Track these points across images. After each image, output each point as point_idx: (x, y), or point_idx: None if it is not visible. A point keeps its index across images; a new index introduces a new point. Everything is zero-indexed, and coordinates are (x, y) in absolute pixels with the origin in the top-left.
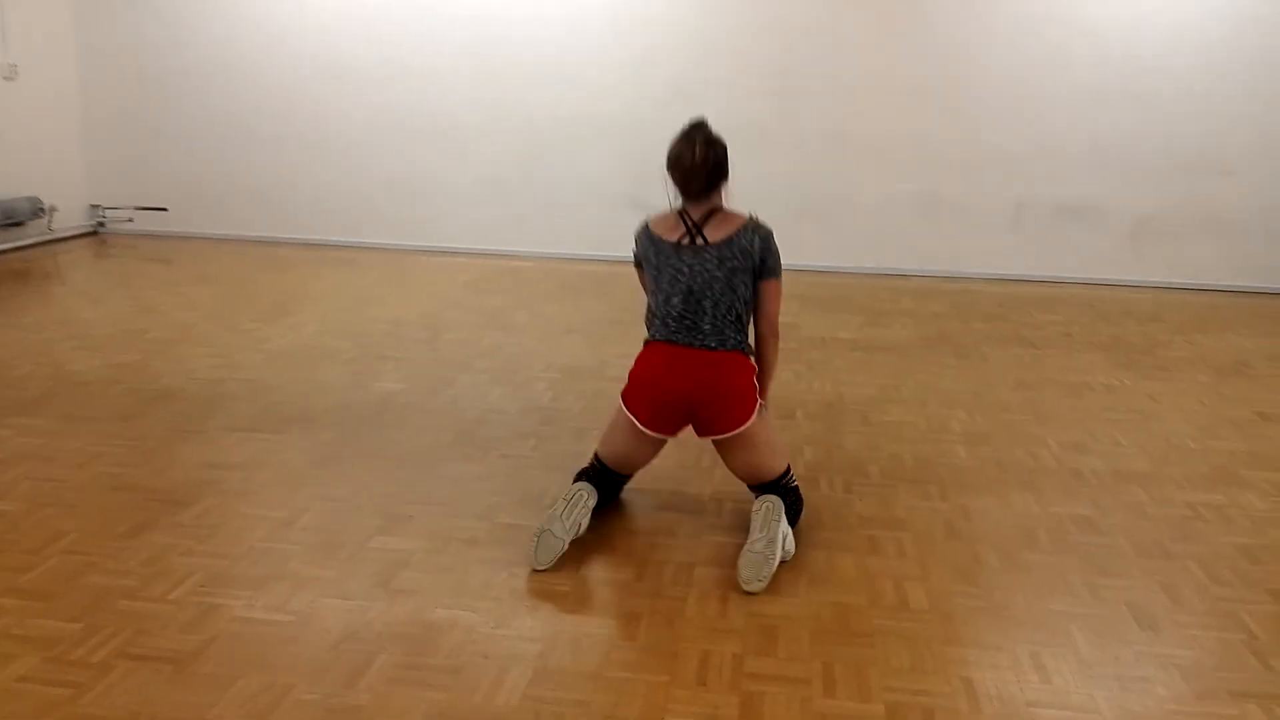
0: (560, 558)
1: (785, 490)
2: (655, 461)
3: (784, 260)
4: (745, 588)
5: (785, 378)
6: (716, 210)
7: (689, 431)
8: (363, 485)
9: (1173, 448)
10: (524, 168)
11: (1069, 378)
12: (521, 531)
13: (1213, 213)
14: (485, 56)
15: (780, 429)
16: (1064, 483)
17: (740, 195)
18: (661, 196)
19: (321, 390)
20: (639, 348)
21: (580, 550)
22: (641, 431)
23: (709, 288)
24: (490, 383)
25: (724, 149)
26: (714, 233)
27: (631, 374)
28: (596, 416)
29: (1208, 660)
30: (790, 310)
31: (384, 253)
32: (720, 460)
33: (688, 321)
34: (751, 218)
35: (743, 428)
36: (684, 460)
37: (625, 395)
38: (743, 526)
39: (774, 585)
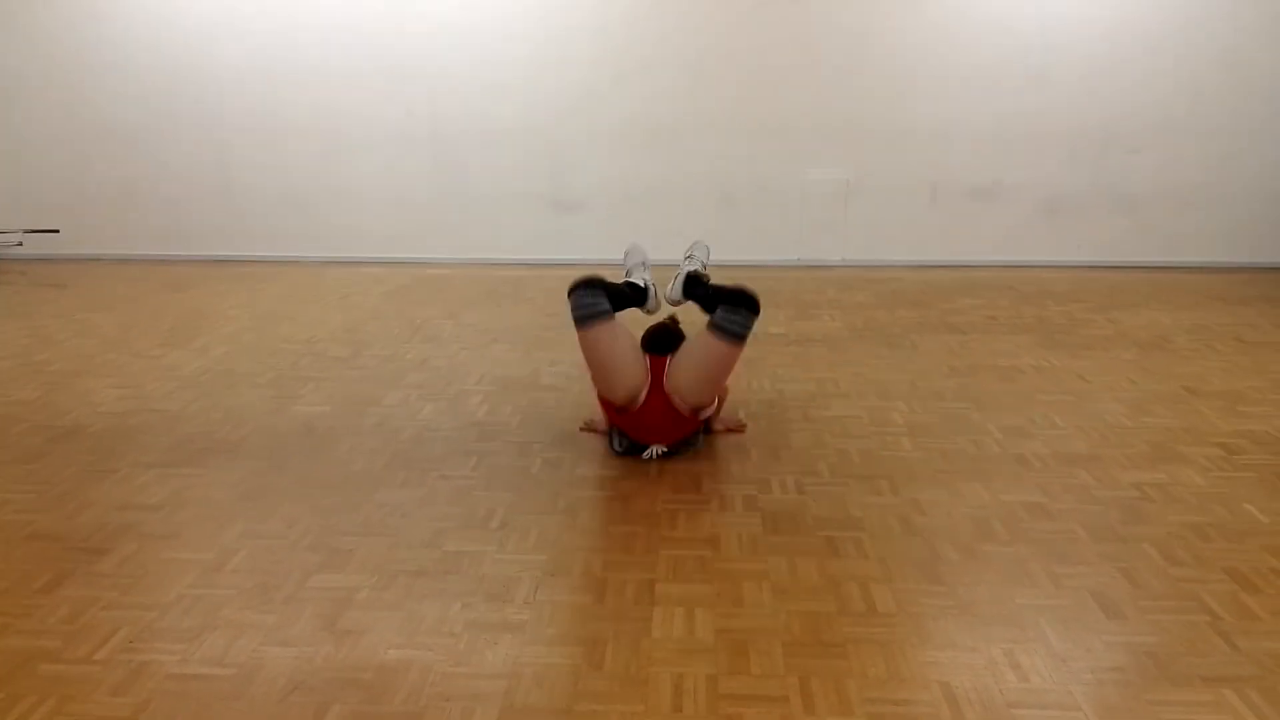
0: (515, 583)
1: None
2: (603, 473)
3: (710, 256)
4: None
5: None
6: None
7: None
8: (295, 519)
9: (1110, 427)
10: (436, 172)
11: (999, 361)
12: (471, 558)
13: (1122, 190)
14: (389, 60)
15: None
16: (1010, 469)
17: (657, 190)
18: (576, 194)
19: (239, 417)
20: (570, 354)
21: (535, 574)
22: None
23: None
24: (421, 399)
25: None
26: None
27: None
28: (536, 429)
29: (1177, 645)
30: None
31: (294, 266)
32: (668, 471)
33: None
34: None
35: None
36: (632, 470)
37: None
38: (700, 538)
39: (739, 596)
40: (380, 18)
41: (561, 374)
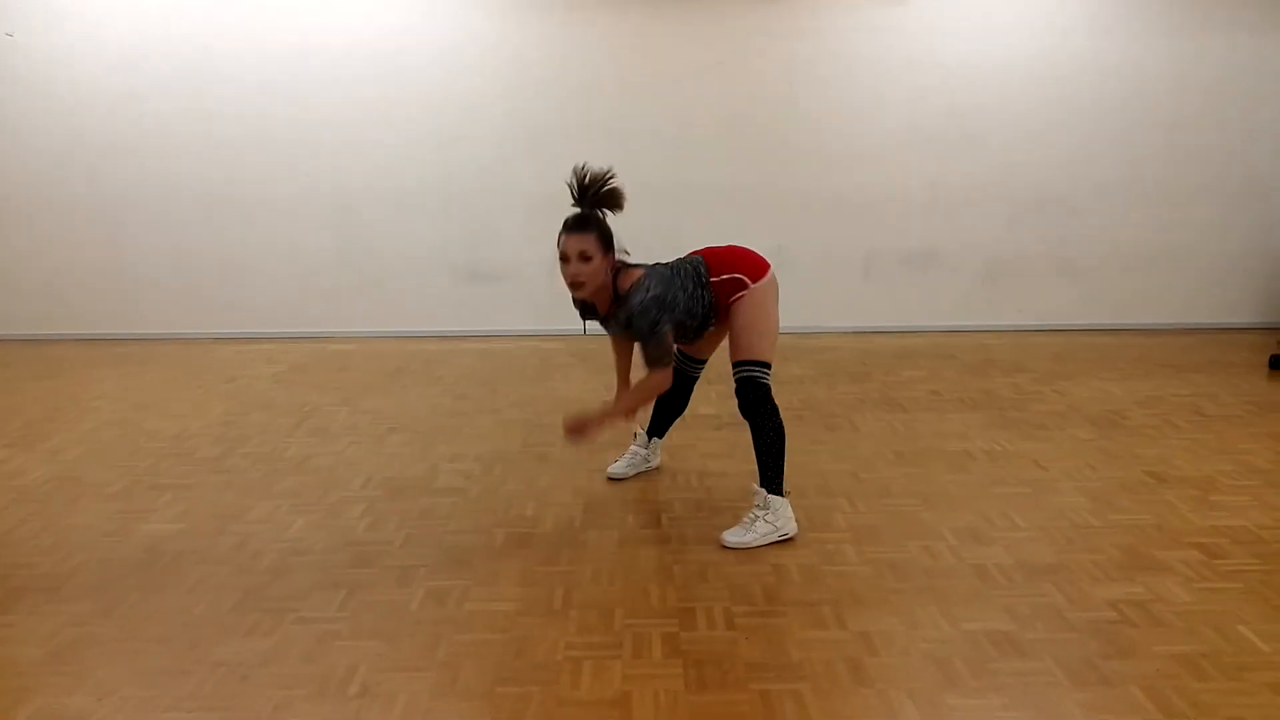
0: None
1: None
2: (498, 607)
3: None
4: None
5: (645, 474)
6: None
7: None
8: (110, 686)
9: (1075, 528)
10: (340, 240)
11: (947, 445)
12: None
13: (1063, 253)
14: (289, 117)
15: (644, 540)
16: (970, 586)
17: None
18: (494, 264)
19: (74, 542)
20: (474, 447)
21: None
22: None
23: None
24: (292, 511)
25: None
26: None
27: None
28: (423, 548)
29: None
30: None
31: (182, 344)
32: (575, 602)
33: None
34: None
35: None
36: (534, 601)
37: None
38: (606, 699)
39: None
40: (272, 80)
41: (461, 472)
